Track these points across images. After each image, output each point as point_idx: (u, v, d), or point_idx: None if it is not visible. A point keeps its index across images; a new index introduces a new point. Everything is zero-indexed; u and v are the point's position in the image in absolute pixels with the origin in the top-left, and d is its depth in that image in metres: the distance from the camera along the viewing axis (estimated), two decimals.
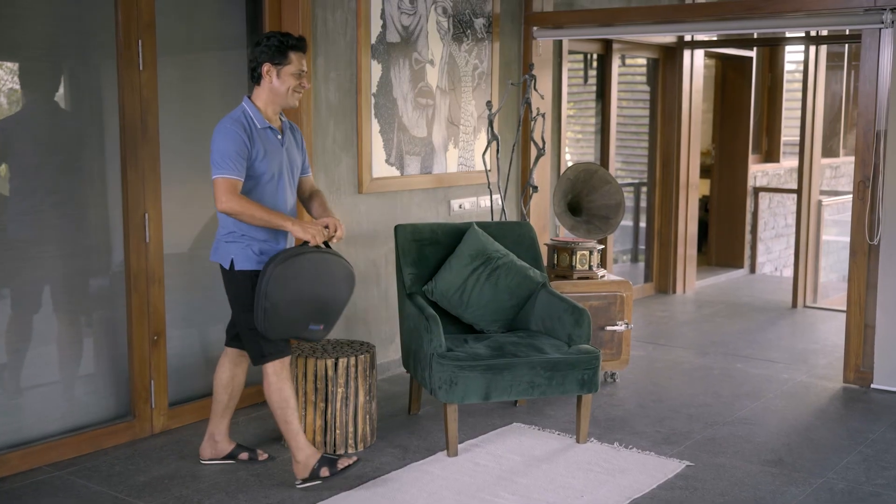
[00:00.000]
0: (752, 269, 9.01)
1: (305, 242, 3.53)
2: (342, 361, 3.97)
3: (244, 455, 3.91)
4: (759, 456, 4.04)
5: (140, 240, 4.10)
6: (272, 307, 3.42)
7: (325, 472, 3.61)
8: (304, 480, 3.63)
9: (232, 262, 3.56)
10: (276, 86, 3.56)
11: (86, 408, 4.06)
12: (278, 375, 3.58)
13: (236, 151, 3.44)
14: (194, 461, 3.90)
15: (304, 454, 3.63)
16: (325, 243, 3.60)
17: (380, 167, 5.07)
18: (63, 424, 3.97)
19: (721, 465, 3.93)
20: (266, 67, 3.54)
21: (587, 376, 4.02)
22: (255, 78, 3.58)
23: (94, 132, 4.07)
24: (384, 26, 5.02)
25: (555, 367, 3.96)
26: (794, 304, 7.30)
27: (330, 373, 3.96)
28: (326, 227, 3.63)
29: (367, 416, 4.07)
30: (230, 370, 3.84)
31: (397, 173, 5.19)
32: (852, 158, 10.88)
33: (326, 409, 3.97)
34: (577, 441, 4.16)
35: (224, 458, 3.89)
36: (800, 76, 9.64)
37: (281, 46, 3.53)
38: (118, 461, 3.90)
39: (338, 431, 3.99)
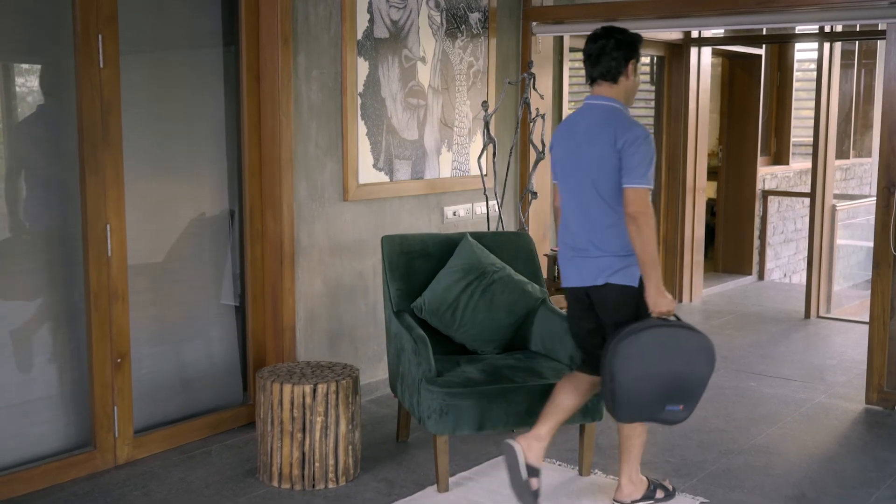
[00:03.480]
0: (761, 276, 8.64)
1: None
2: (321, 387, 3.61)
3: (660, 493, 3.56)
4: (779, 491, 3.68)
5: (101, 253, 3.74)
6: (619, 387, 3.16)
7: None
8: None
9: (640, 278, 3.26)
10: (633, 84, 3.35)
11: (41, 437, 3.70)
12: None
13: (653, 158, 3.23)
14: (160, 497, 3.54)
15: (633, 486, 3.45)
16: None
17: (367, 172, 4.71)
18: (15, 456, 3.61)
19: (739, 501, 3.58)
20: (632, 65, 3.31)
21: (591, 403, 3.65)
22: (613, 76, 3.30)
23: (52, 135, 3.72)
24: (371, 21, 4.66)
25: None
26: (807, 315, 6.93)
27: (308, 400, 3.60)
28: None
29: (350, 447, 3.72)
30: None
31: (386, 179, 4.83)
32: (863, 160, 10.59)
33: (304, 440, 3.61)
34: (580, 473, 3.80)
35: (643, 497, 3.52)
36: (809, 75, 9.30)
37: (638, 41, 3.35)
38: (75, 497, 3.54)
39: (317, 464, 3.63)
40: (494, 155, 4.95)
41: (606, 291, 3.29)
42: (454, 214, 5.29)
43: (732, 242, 8.60)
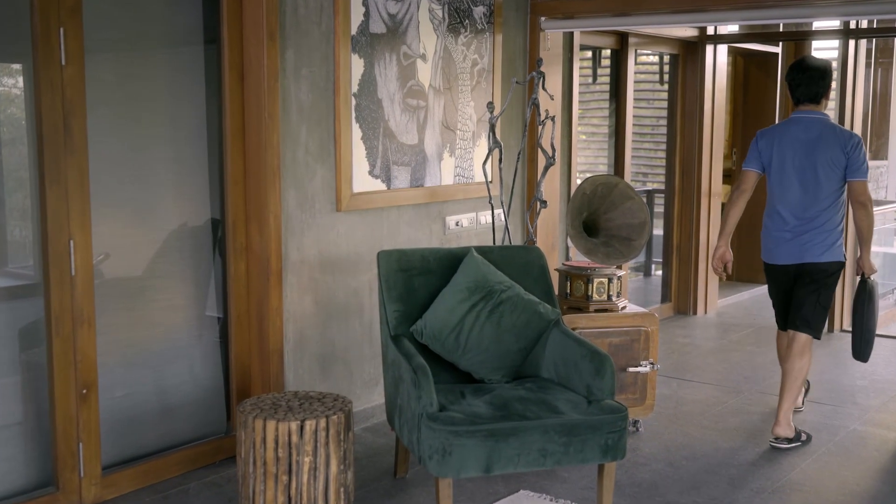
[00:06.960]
0: None
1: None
2: (309, 424, 3.22)
3: (804, 437, 4.30)
4: None
5: (63, 272, 3.36)
6: (872, 336, 4.24)
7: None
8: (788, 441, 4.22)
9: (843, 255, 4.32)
10: (826, 103, 4.31)
11: None
12: (811, 350, 4.32)
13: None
14: None
15: (787, 421, 4.22)
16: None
17: (362, 180, 4.33)
18: None
19: None
20: (829, 89, 4.27)
21: (612, 440, 3.27)
22: (818, 99, 4.26)
23: (10, 140, 3.34)
24: (367, 14, 4.28)
25: (572, 432, 3.21)
26: (830, 328, 6.54)
27: (294, 438, 3.21)
28: None
29: (342, 489, 3.32)
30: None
31: (383, 187, 4.45)
32: (879, 163, 10.18)
33: (290, 483, 3.22)
34: None
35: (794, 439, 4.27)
36: None
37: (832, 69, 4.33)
38: None
39: None
40: (500, 160, 4.57)
41: (824, 265, 4.23)
42: (457, 224, 4.90)
43: (748, 250, 8.17)
